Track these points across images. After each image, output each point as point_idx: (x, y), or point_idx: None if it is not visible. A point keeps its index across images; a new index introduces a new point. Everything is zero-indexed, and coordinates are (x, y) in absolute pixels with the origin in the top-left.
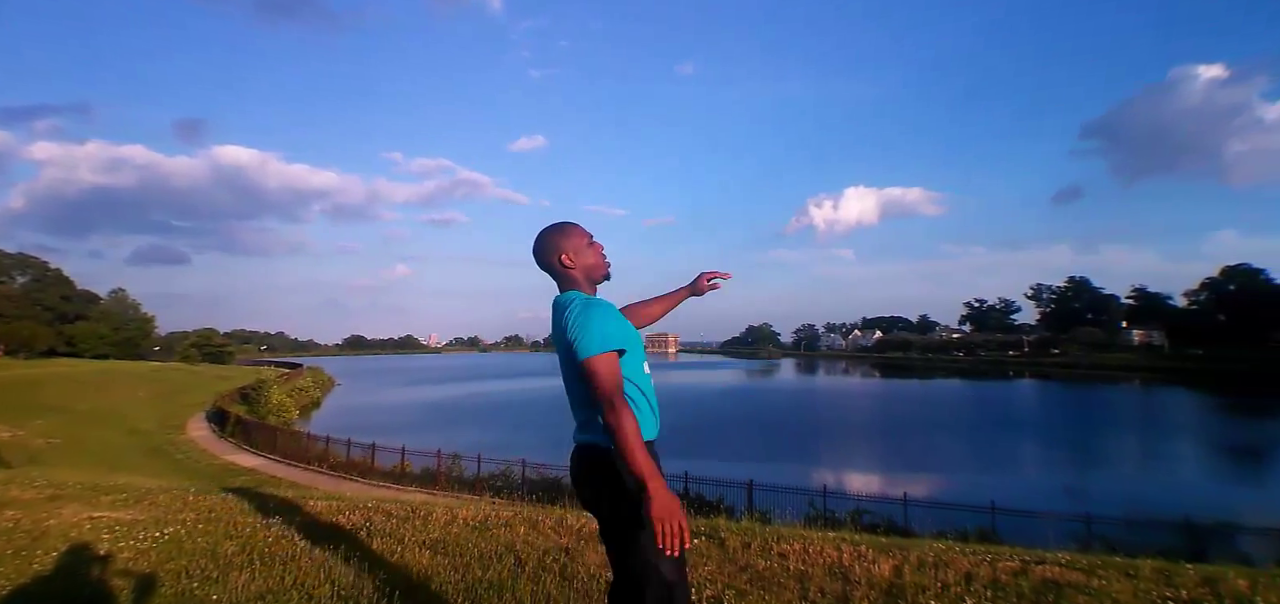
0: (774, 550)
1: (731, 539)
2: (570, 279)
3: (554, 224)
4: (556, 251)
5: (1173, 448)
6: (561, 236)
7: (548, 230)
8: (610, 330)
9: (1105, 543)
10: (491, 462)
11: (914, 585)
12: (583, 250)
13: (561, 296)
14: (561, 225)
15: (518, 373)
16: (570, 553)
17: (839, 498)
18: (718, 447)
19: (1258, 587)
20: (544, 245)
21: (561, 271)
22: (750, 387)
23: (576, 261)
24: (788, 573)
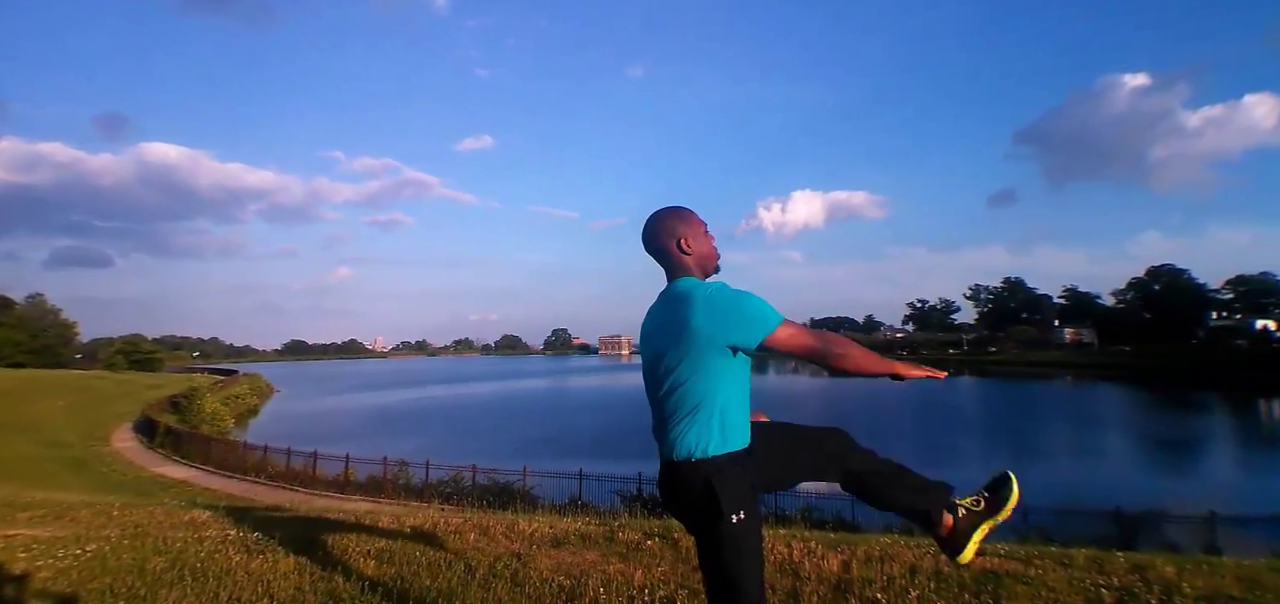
0: None
1: (685, 539)
2: (684, 266)
3: (671, 207)
4: (674, 236)
5: (1103, 441)
6: (680, 221)
7: (665, 213)
8: (767, 305)
9: (1041, 533)
10: (440, 468)
11: (861, 579)
12: (701, 237)
13: (681, 284)
14: (679, 209)
15: (468, 377)
16: (522, 559)
17: (790, 496)
18: None
19: (1183, 572)
20: (660, 228)
21: (677, 257)
22: None
23: (694, 248)
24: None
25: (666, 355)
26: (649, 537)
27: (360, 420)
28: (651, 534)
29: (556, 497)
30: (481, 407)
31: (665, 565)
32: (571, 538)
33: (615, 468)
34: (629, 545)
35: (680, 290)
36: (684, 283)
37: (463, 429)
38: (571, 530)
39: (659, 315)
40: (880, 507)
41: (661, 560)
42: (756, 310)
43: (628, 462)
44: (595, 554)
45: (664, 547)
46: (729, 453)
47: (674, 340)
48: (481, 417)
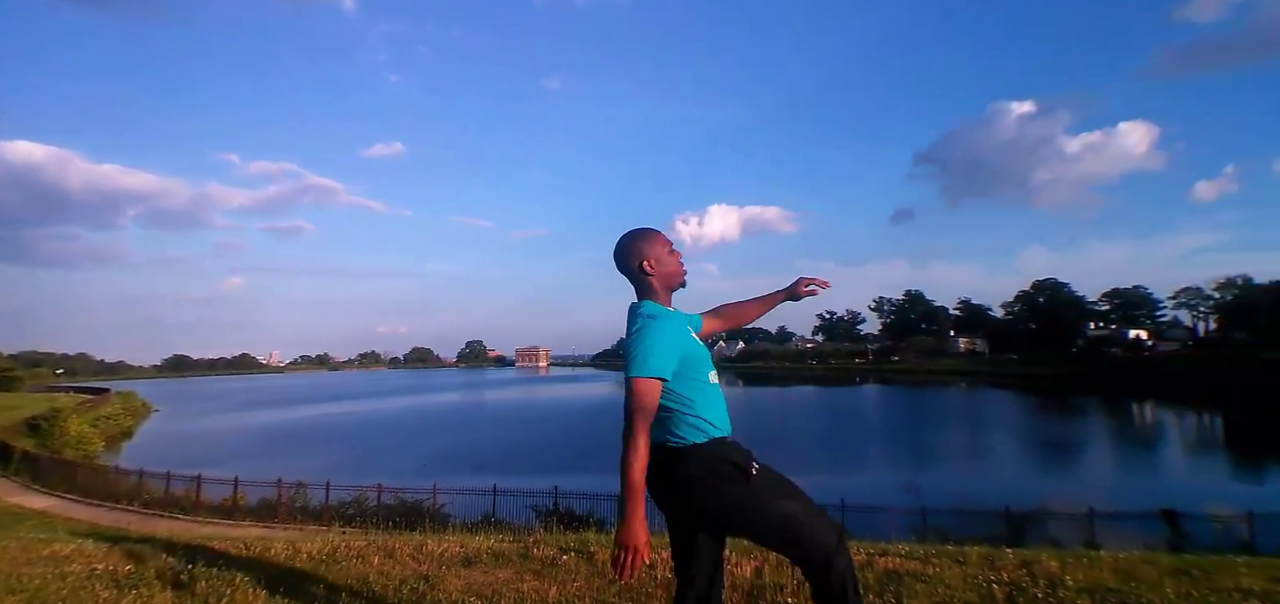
0: None
1: (600, 553)
2: (649, 286)
3: (637, 229)
4: (639, 257)
5: (993, 444)
6: (645, 242)
7: (631, 235)
8: (662, 356)
9: (939, 533)
10: (342, 489)
11: (773, 584)
12: (664, 258)
13: (635, 305)
14: (645, 231)
15: (374, 392)
16: (430, 581)
17: None
18: (589, 460)
19: (1066, 566)
20: (626, 250)
21: (641, 277)
22: (621, 398)
23: (657, 269)
24: (655, 581)
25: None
26: (565, 551)
27: (252, 440)
28: (567, 549)
29: (469, 514)
30: (389, 423)
31: (581, 580)
32: (484, 556)
33: (531, 482)
34: (544, 561)
35: (632, 309)
36: (637, 305)
37: (367, 447)
38: (484, 549)
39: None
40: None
41: (577, 575)
42: (637, 353)
43: (544, 476)
44: (509, 572)
45: (579, 561)
46: (689, 446)
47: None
48: (388, 433)
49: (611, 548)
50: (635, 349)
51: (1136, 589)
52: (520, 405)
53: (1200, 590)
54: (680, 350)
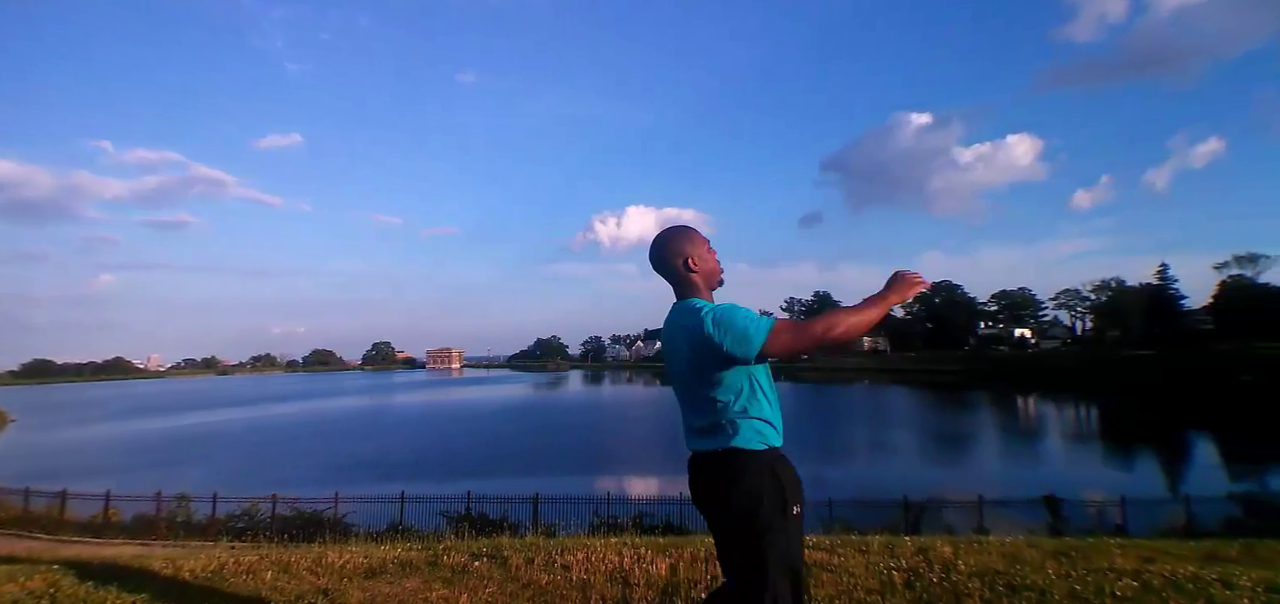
0: (558, 563)
1: (514, 557)
2: (692, 284)
3: (676, 227)
4: (682, 255)
5: (894, 438)
6: (687, 241)
7: (672, 233)
8: (758, 318)
9: (843, 524)
10: (231, 500)
11: (688, 581)
12: (706, 256)
13: (688, 303)
14: (685, 229)
15: (269, 397)
16: (330, 595)
17: (622, 504)
18: (504, 463)
19: (959, 551)
20: (669, 248)
21: (685, 276)
22: (538, 399)
23: (701, 267)
24: (571, 584)
25: (684, 365)
26: (477, 557)
27: (127, 452)
28: (480, 555)
29: (374, 523)
30: (285, 429)
31: (493, 586)
32: (390, 566)
33: (443, 488)
34: (455, 569)
35: (688, 310)
36: (687, 303)
37: (260, 455)
38: (390, 558)
39: (669, 333)
40: None
41: (489, 581)
42: (746, 325)
43: (456, 480)
44: (417, 581)
45: (493, 567)
46: (757, 455)
47: (688, 354)
48: (285, 441)
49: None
50: (740, 323)
51: (1021, 571)
52: (431, 408)
53: (1078, 570)
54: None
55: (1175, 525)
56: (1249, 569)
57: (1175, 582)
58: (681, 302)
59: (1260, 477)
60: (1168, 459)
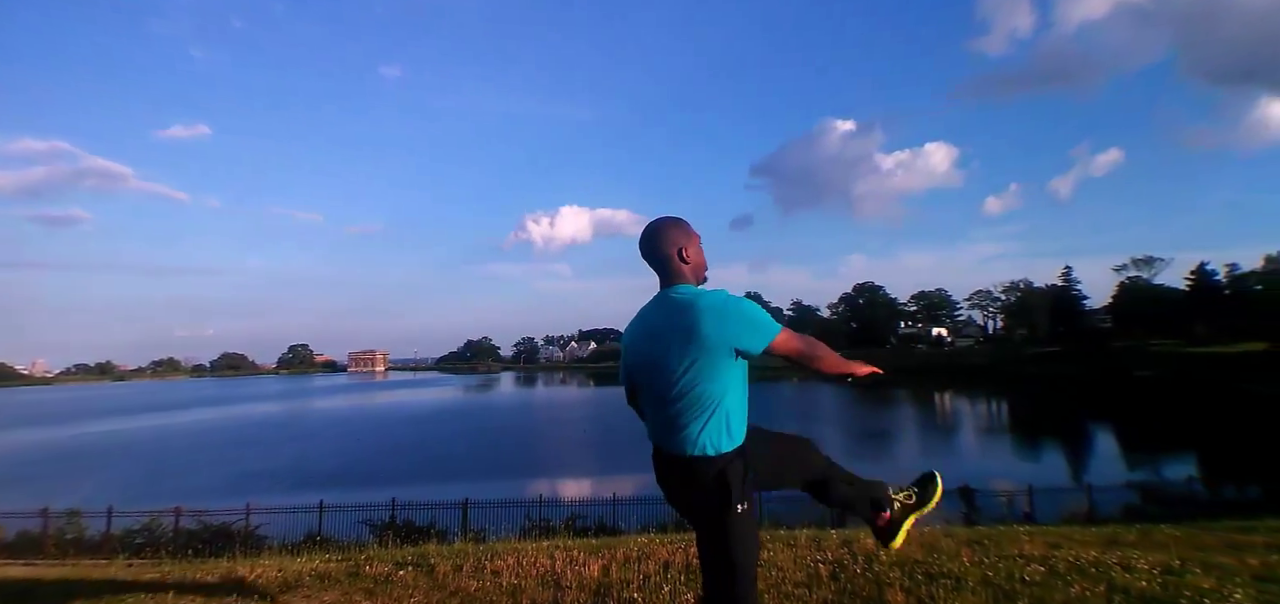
0: (487, 569)
1: (442, 564)
2: (682, 274)
3: (670, 218)
4: (676, 244)
5: (820, 434)
6: (681, 231)
7: (666, 222)
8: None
9: (773, 519)
10: (129, 515)
11: (620, 581)
12: (697, 249)
13: (683, 292)
14: (679, 220)
15: (172, 404)
16: None
17: (554, 506)
18: (432, 468)
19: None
20: (663, 237)
21: (677, 266)
22: (468, 402)
23: (691, 258)
24: (500, 590)
25: (673, 360)
26: (401, 566)
27: (5, 465)
28: (404, 563)
29: (290, 535)
30: (190, 438)
31: (419, 595)
32: (306, 579)
33: (365, 495)
34: (377, 579)
35: (684, 298)
36: (685, 290)
37: (162, 466)
38: (306, 571)
39: (658, 321)
40: (831, 505)
41: (414, 590)
42: (761, 318)
43: (380, 488)
44: (336, 594)
45: (418, 575)
46: (735, 449)
47: (683, 345)
48: (190, 450)
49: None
50: (753, 315)
51: (938, 559)
52: (353, 413)
53: (990, 557)
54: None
55: (1079, 513)
56: (1146, 553)
57: (1079, 566)
58: (671, 290)
59: (1156, 466)
60: (1072, 450)
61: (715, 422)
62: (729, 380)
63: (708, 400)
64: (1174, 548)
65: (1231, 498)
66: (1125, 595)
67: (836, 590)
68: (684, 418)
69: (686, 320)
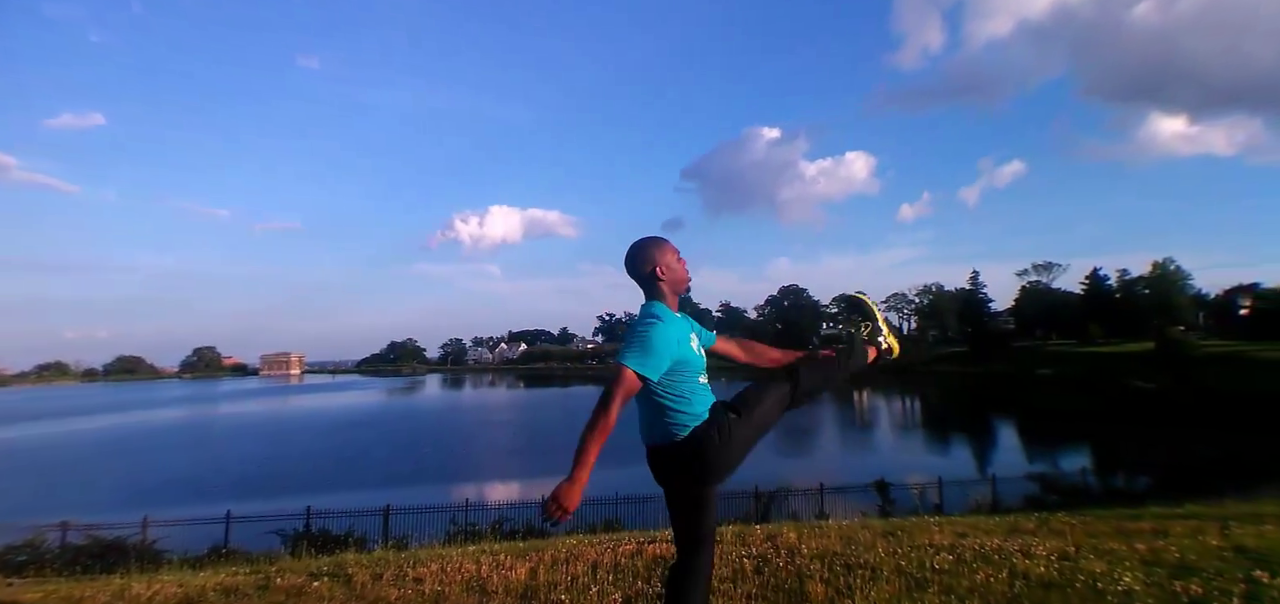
0: (409, 576)
1: (360, 574)
2: (659, 290)
3: (649, 237)
4: (652, 263)
5: None
6: (657, 249)
7: (645, 243)
8: (657, 358)
9: None
10: (8, 529)
11: (547, 583)
12: (673, 265)
13: (646, 304)
14: (657, 239)
15: (60, 412)
16: None
17: (481, 510)
18: (352, 475)
19: (802, 536)
20: (642, 256)
21: (654, 282)
22: (391, 405)
23: (667, 275)
24: (423, 597)
25: None
26: (316, 577)
27: None
28: (319, 574)
29: (193, 548)
30: (79, 447)
31: None
32: (210, 594)
33: (277, 505)
34: (289, 591)
35: (643, 310)
36: (647, 306)
37: (47, 479)
38: (210, 586)
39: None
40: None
41: (330, 601)
42: (631, 345)
43: (294, 496)
44: None
45: (334, 585)
46: (696, 426)
47: None
48: (80, 461)
49: (547, 499)
50: (635, 342)
51: (856, 550)
52: (266, 419)
53: (903, 547)
54: (675, 354)
55: (984, 503)
56: (1044, 540)
57: (984, 554)
58: (643, 305)
59: (1053, 458)
60: (978, 444)
61: (667, 414)
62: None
63: (657, 398)
64: (1069, 535)
65: (1121, 487)
66: (1025, 581)
67: (760, 584)
68: (643, 415)
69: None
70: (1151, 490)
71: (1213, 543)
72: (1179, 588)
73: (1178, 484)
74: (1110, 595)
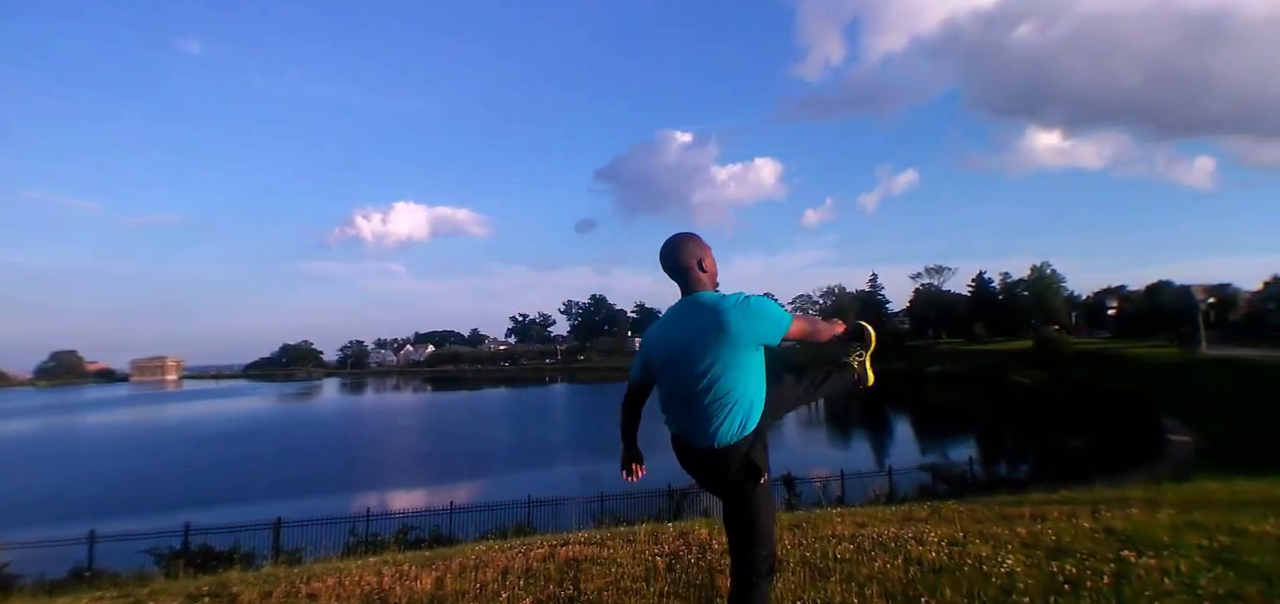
0: (302, 593)
1: (246, 592)
2: (701, 282)
3: (687, 233)
4: (696, 256)
5: (661, 429)
6: (699, 245)
7: (687, 237)
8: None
9: (614, 516)
10: None
11: (455, 592)
12: (712, 260)
13: (707, 296)
14: (694, 235)
15: None
16: None
17: (384, 519)
18: (237, 488)
19: (713, 532)
20: (685, 249)
21: (696, 274)
22: (283, 412)
23: (709, 268)
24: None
25: (705, 357)
26: (195, 599)
27: None
28: (199, 595)
29: (50, 571)
30: None
31: None
32: None
33: (152, 522)
34: None
35: (710, 300)
36: (709, 294)
37: None
38: None
39: (688, 321)
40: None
41: None
42: (776, 310)
43: (170, 512)
44: None
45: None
46: (754, 430)
47: (713, 343)
48: None
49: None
50: (770, 311)
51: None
52: (139, 429)
53: (808, 538)
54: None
55: (882, 494)
56: (936, 527)
57: (881, 542)
58: (697, 295)
59: (944, 449)
60: (876, 438)
61: (740, 414)
62: (753, 372)
63: (735, 394)
64: (958, 522)
65: (1004, 476)
66: (919, 566)
67: (673, 581)
68: (712, 411)
69: (715, 319)
70: (1030, 478)
71: (1085, 525)
72: (1056, 568)
73: (1053, 472)
74: (995, 577)
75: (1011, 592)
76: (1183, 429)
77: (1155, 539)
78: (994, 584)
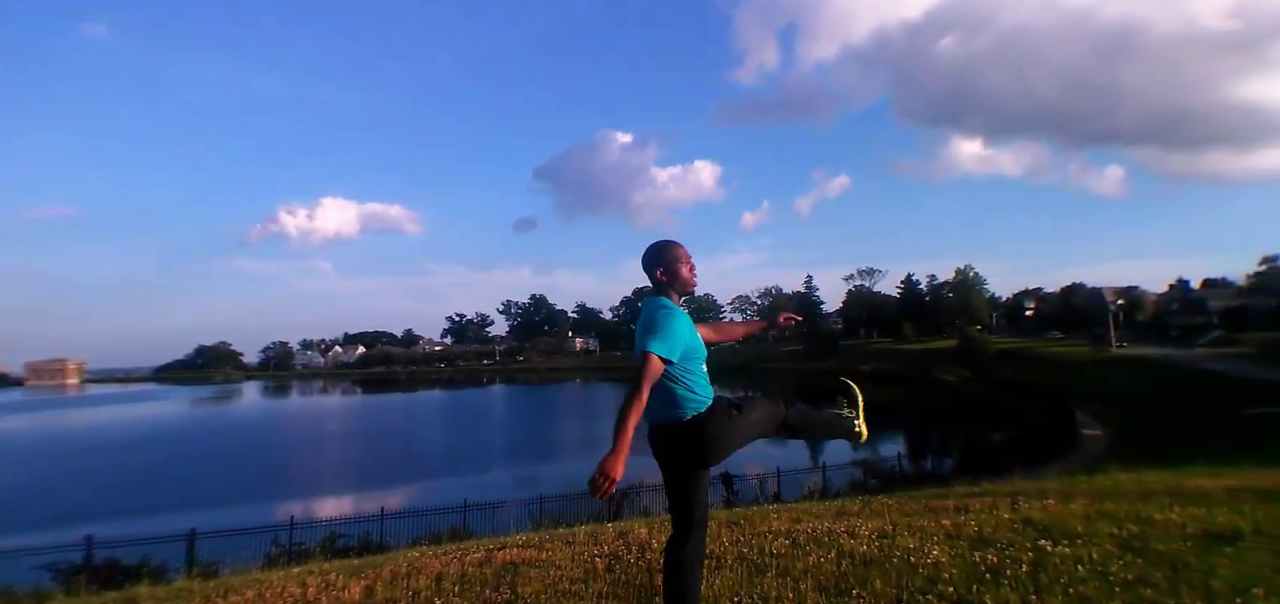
0: None
1: None
2: (663, 289)
3: (662, 240)
4: (656, 266)
5: (600, 430)
6: (670, 253)
7: (657, 245)
8: (675, 341)
9: (553, 519)
10: None
11: (385, 601)
12: (679, 270)
13: (654, 297)
14: (668, 242)
15: None
16: None
17: (309, 527)
18: (148, 498)
19: (652, 532)
20: (657, 256)
21: (656, 281)
22: (198, 417)
23: (668, 277)
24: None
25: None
26: None
27: None
28: None
29: None
30: None
31: None
32: None
33: (49, 536)
34: None
35: (646, 301)
36: (654, 297)
37: None
38: None
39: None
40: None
41: None
42: (649, 331)
43: (69, 525)
44: None
45: None
46: (698, 412)
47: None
48: None
49: (594, 474)
50: (655, 329)
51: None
52: (34, 437)
53: (746, 534)
54: (687, 342)
55: (816, 489)
56: (867, 521)
57: (815, 537)
58: (651, 298)
59: (873, 445)
60: None
61: (669, 400)
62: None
63: (662, 382)
64: (888, 515)
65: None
66: (851, 559)
67: (612, 581)
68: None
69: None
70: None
71: (1005, 516)
72: (978, 558)
73: (976, 465)
74: (922, 568)
75: (937, 581)
76: (1094, 424)
77: (1070, 529)
78: (921, 574)
